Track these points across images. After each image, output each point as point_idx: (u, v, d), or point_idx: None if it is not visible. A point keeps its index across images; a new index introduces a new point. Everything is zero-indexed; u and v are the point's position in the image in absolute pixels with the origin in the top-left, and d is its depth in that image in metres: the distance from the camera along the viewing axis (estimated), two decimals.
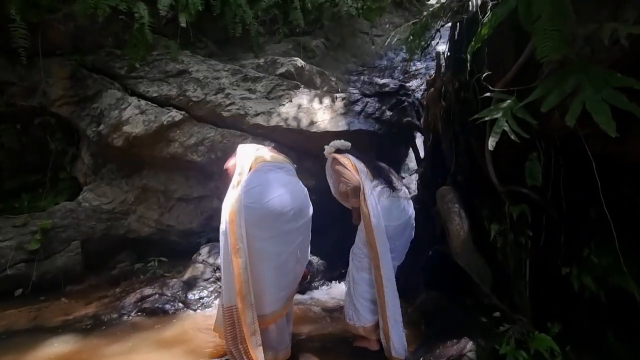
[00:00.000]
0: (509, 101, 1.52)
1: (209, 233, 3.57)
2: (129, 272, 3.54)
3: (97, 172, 3.77)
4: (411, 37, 2.50)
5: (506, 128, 1.46)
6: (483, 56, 1.85)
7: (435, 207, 2.22)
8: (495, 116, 1.51)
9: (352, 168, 2.03)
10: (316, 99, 3.69)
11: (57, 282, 3.36)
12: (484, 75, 1.74)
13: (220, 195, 3.75)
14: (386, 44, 3.17)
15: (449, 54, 2.34)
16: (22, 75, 3.72)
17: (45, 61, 3.71)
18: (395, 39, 2.69)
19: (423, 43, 2.58)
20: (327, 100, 3.69)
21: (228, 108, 3.54)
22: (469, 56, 1.77)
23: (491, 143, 1.47)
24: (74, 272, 3.45)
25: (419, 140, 2.97)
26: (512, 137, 1.46)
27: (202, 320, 2.79)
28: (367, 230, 1.93)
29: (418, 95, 3.94)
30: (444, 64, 2.45)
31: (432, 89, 2.45)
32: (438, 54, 2.46)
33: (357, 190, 1.96)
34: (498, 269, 1.89)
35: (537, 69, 1.66)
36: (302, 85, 3.81)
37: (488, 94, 1.89)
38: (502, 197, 1.80)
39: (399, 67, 4.47)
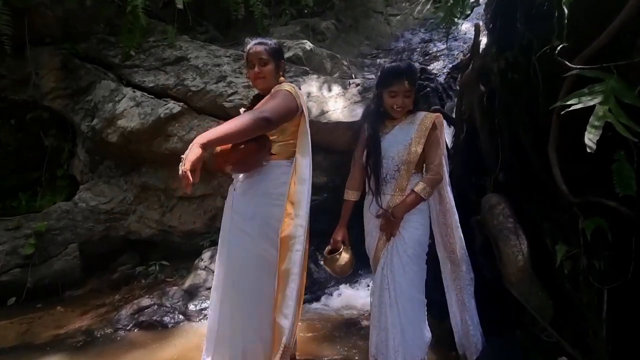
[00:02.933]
0: (611, 82, 1.02)
1: (213, 234, 3.18)
2: (130, 276, 3.19)
3: (94, 170, 3.38)
4: (451, 1, 1.95)
5: (611, 119, 0.98)
6: (549, 25, 1.33)
7: (476, 217, 1.75)
8: (591, 103, 1.02)
9: None
10: (327, 86, 3.20)
11: (55, 288, 3.03)
12: (557, 48, 1.22)
13: (225, 194, 3.38)
14: (416, 11, 2.60)
15: (491, 25, 1.81)
16: (11, 66, 3.31)
17: (34, 51, 3.29)
18: (426, 9, 2.14)
19: (468, 10, 2.04)
20: (339, 87, 3.19)
21: (230, 98, 3.08)
22: (560, 18, 1.17)
23: (590, 141, 0.98)
24: (72, 276, 3.11)
25: (447, 131, 2.47)
26: (623, 132, 0.97)
27: (204, 335, 2.42)
28: (445, 211, 1.66)
29: (441, 79, 3.40)
30: (484, 39, 1.93)
31: (468, 70, 1.94)
32: (477, 26, 1.94)
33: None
34: (560, 297, 1.43)
35: (636, 36, 1.15)
36: (311, 71, 3.31)
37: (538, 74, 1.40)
38: (575, 210, 1.32)
39: (418, 49, 3.90)
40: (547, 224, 1.45)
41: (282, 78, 1.63)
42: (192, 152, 1.22)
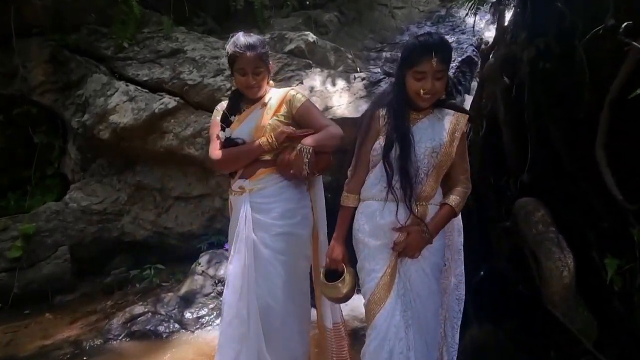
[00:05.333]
0: None
1: (211, 236, 2.97)
2: (123, 280, 2.97)
3: (85, 168, 3.15)
4: None
5: None
6: (598, 4, 1.12)
7: (504, 224, 1.54)
8: None
9: None
10: (331, 80, 2.98)
11: (44, 293, 2.80)
12: (621, 26, 1.01)
13: (224, 194, 3.17)
14: (422, 4, 2.37)
15: (519, 9, 1.59)
16: None
17: (21, 42, 3.05)
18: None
19: None
20: (343, 82, 2.97)
21: (229, 93, 2.86)
22: None
23: None
24: (63, 280, 2.89)
25: None
26: None
27: (202, 345, 2.21)
28: (452, 231, 1.36)
29: (450, 73, 3.18)
30: (509, 26, 1.71)
31: (491, 60, 1.73)
32: (501, 11, 1.72)
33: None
34: (606, 317, 1.23)
35: None
36: (314, 65, 3.09)
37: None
38: (630, 219, 1.12)
39: None
40: (592, 233, 1.25)
41: (271, 82, 1.53)
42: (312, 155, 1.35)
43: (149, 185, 3.07)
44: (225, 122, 1.45)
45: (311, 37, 3.20)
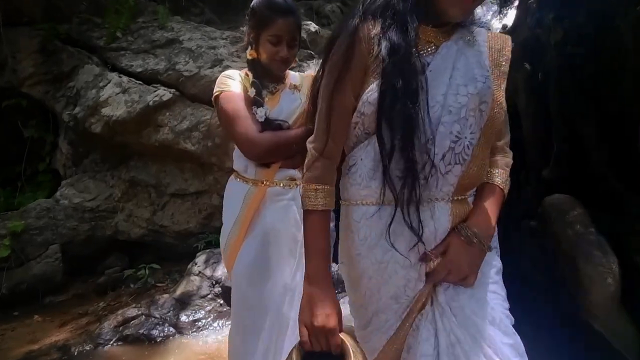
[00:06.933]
0: None
1: (208, 235, 2.83)
2: (117, 280, 2.83)
3: (77, 164, 3.01)
4: None
5: None
6: None
7: (531, 222, 1.40)
8: None
9: None
10: None
11: (33, 294, 2.67)
12: None
13: (221, 191, 3.02)
14: None
15: None
16: None
17: (11, 31, 2.89)
18: None
19: None
20: None
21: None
22: None
23: None
24: (54, 280, 2.75)
25: None
26: None
27: (198, 350, 2.08)
28: None
29: None
30: (532, 6, 1.56)
31: (512, 45, 1.59)
32: None
33: None
34: None
35: None
36: (316, 55, 2.94)
37: None
38: None
39: None
40: (633, 236, 1.10)
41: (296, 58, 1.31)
42: None
43: (144, 181, 2.92)
44: (259, 97, 1.13)
45: (313, 26, 3.05)
